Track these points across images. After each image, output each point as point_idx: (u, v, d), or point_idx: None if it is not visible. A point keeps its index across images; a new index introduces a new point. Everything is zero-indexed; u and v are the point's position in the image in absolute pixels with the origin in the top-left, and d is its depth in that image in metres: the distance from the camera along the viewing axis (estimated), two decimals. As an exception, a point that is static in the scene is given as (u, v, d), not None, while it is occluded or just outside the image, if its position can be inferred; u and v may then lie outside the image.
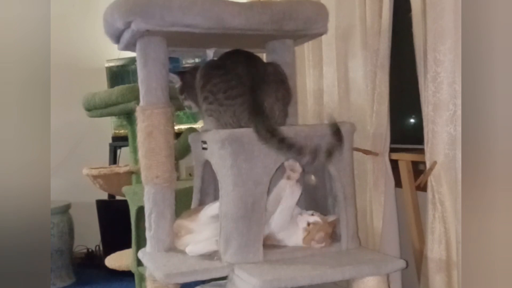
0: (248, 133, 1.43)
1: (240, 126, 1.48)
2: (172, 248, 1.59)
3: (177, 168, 1.84)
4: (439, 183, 1.55)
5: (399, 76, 1.87)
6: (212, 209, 1.52)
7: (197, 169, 1.68)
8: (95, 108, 2.39)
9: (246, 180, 1.41)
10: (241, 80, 1.50)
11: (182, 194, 1.73)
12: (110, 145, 3.23)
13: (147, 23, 1.48)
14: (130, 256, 2.23)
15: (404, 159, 1.78)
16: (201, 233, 1.53)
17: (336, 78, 2.02)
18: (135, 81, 1.68)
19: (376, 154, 1.82)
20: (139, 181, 1.98)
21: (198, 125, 2.75)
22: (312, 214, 1.51)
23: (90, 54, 3.37)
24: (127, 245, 2.27)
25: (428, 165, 1.56)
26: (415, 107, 1.68)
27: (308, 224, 1.49)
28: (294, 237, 1.51)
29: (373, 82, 1.81)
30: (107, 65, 3.21)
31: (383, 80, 1.76)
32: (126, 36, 1.57)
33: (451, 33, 1.45)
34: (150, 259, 1.54)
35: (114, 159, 3.21)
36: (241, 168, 1.41)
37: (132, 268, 2.20)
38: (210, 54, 1.65)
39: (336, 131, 1.48)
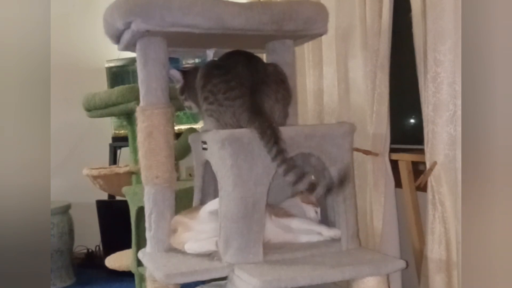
0: (248, 133, 1.43)
1: (240, 127, 1.48)
2: (172, 249, 1.58)
3: (177, 168, 1.84)
4: (439, 183, 1.55)
5: (399, 76, 1.86)
6: (211, 204, 1.52)
7: (198, 169, 1.68)
8: (95, 108, 2.39)
9: (246, 180, 1.41)
10: (241, 81, 1.50)
11: (182, 195, 1.73)
12: (110, 145, 3.24)
13: (147, 23, 1.48)
14: (130, 256, 2.23)
15: (404, 159, 1.78)
16: (200, 231, 1.53)
17: (336, 78, 2.02)
18: (135, 81, 1.68)
19: (376, 154, 1.82)
20: (139, 181, 1.98)
21: (198, 125, 2.75)
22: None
23: (90, 54, 3.37)
24: (127, 246, 2.27)
25: (428, 166, 1.56)
26: (415, 107, 1.68)
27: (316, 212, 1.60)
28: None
29: (373, 83, 1.80)
30: (107, 65, 3.21)
31: (383, 81, 1.76)
32: (126, 36, 1.57)
33: (451, 33, 1.45)
34: (150, 259, 1.54)
35: (114, 160, 3.22)
36: (241, 168, 1.41)
37: (132, 268, 2.20)
38: (210, 54, 1.65)
39: (343, 178, 1.50)
